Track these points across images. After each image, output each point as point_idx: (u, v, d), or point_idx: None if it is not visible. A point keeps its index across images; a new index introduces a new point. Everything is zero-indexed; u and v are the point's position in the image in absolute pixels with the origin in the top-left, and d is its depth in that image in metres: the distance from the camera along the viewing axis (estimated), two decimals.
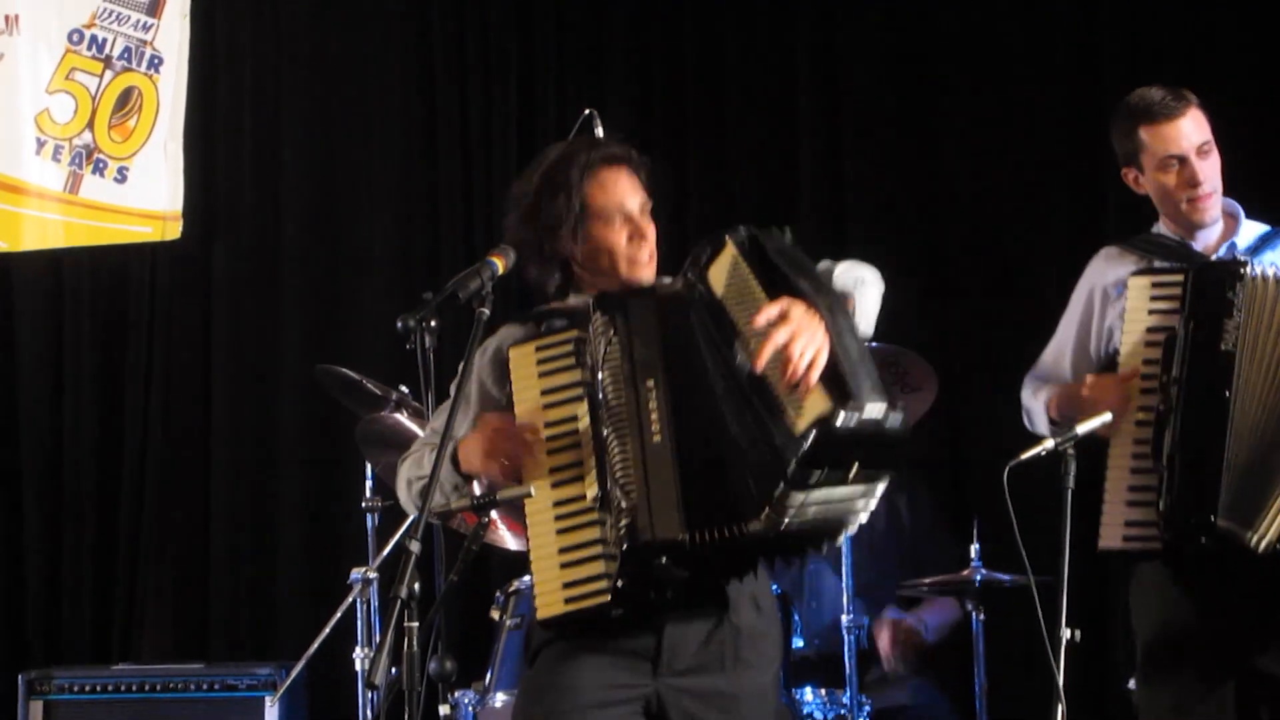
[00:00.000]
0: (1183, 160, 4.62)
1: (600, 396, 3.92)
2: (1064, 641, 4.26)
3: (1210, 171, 4.64)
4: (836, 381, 3.62)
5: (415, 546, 3.74)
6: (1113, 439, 4.53)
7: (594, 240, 4.14)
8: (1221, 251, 4.67)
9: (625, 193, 4.14)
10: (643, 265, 4.16)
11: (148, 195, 7.29)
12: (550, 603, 3.89)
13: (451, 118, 7.38)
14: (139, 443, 7.41)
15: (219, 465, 7.38)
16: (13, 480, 7.48)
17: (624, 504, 3.82)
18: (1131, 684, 5.68)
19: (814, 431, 3.59)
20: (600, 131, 5.21)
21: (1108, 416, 4.41)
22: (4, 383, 7.51)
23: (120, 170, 7.30)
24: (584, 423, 3.93)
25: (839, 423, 3.58)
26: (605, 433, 3.89)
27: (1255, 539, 4.35)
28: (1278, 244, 4.69)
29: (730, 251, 3.92)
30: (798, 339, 3.65)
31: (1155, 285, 4.56)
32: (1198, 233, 4.69)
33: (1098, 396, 4.53)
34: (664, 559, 3.81)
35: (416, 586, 3.76)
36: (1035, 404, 4.82)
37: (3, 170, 7.31)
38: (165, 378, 7.43)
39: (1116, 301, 4.67)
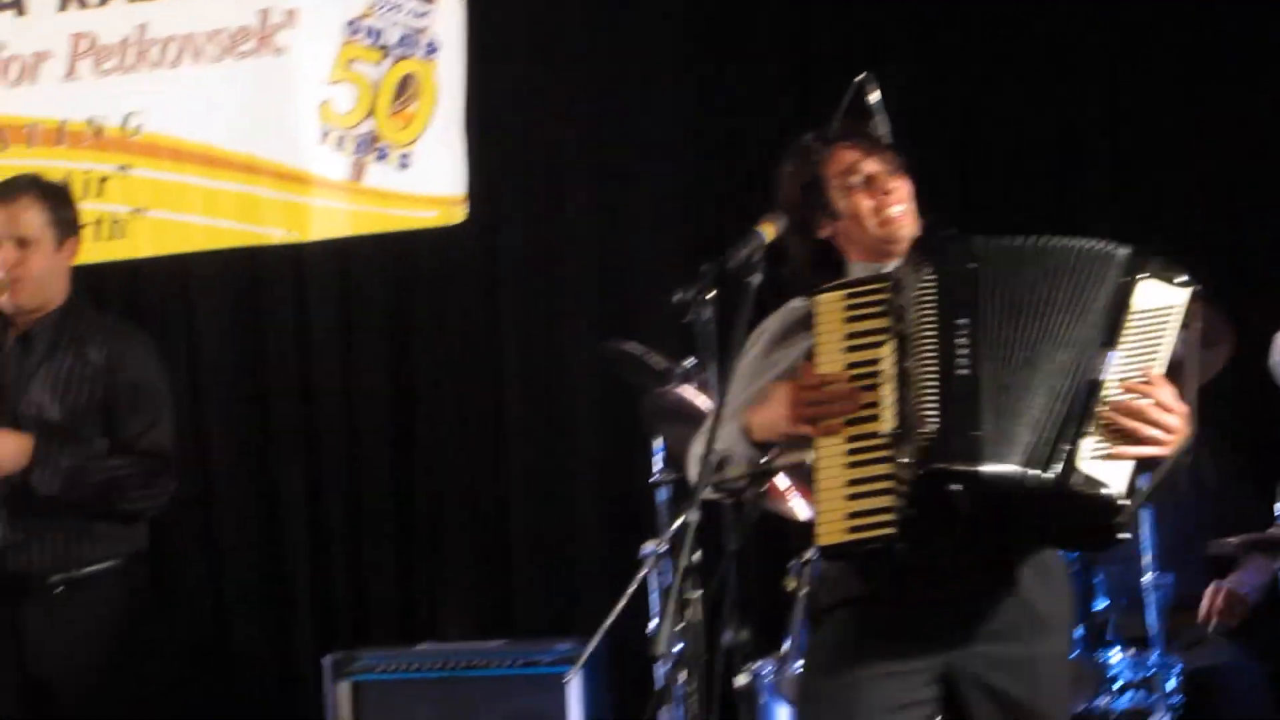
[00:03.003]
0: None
1: (908, 334, 3.84)
2: None
3: None
4: (1136, 477, 3.75)
5: (694, 516, 3.74)
6: None
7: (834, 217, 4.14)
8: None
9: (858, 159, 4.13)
10: (896, 223, 4.11)
11: (431, 180, 7.36)
12: (831, 531, 3.80)
13: (729, 89, 7.31)
14: (433, 427, 7.48)
15: (513, 446, 7.42)
16: (313, 469, 7.61)
17: (924, 430, 3.75)
18: None
19: (1092, 483, 3.73)
20: (876, 97, 5.11)
21: None
22: (299, 369, 7.64)
23: (403, 157, 7.38)
24: (888, 362, 3.84)
25: (1103, 497, 3.74)
26: (908, 365, 3.81)
27: None
28: None
29: (1182, 300, 3.87)
30: (1165, 419, 3.78)
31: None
32: None
33: None
34: (960, 486, 3.74)
35: (697, 556, 3.75)
36: None
37: (288, 162, 7.45)
38: (455, 362, 7.50)
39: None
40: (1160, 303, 3.85)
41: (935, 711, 4.01)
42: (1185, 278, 3.88)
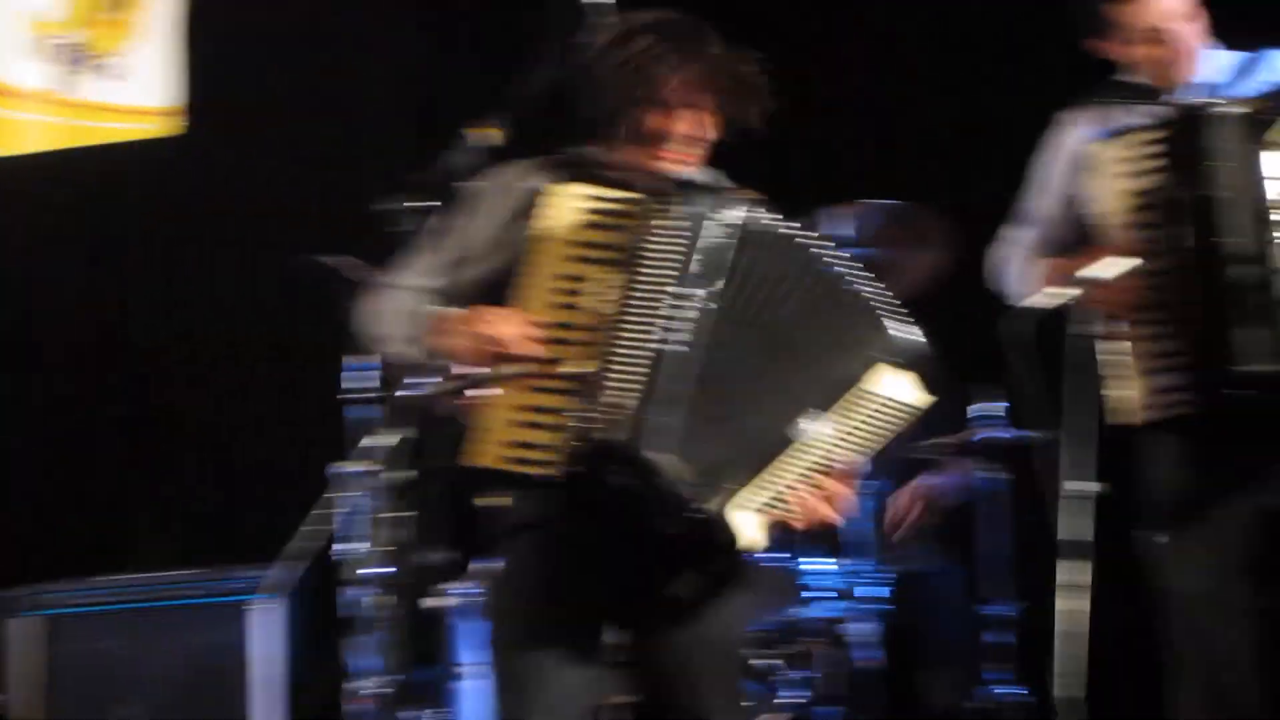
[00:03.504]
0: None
1: (639, 274, 3.58)
2: (1085, 497, 4.05)
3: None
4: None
5: (398, 435, 3.56)
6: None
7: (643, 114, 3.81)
8: (1195, 92, 4.43)
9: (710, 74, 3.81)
10: (692, 155, 3.85)
11: (146, 92, 7.08)
12: (485, 451, 3.55)
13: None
14: (127, 347, 7.30)
15: (205, 367, 7.29)
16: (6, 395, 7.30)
17: (616, 398, 3.52)
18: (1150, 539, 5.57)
19: (724, 537, 3.58)
20: None
21: (1136, 260, 4.19)
22: None
23: (118, 66, 7.07)
24: (610, 294, 3.58)
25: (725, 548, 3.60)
26: (627, 315, 3.56)
27: None
28: (1254, 71, 4.46)
29: (922, 404, 3.80)
30: (827, 516, 3.69)
31: (1131, 145, 4.32)
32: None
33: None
34: (626, 478, 3.54)
35: (397, 475, 3.59)
36: (1011, 267, 4.64)
37: None
38: (159, 276, 7.27)
39: (1087, 168, 4.43)
40: (896, 396, 3.72)
41: (615, 629, 3.88)
42: (927, 382, 3.76)
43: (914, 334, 3.75)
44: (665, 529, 3.61)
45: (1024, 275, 4.58)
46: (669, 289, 3.54)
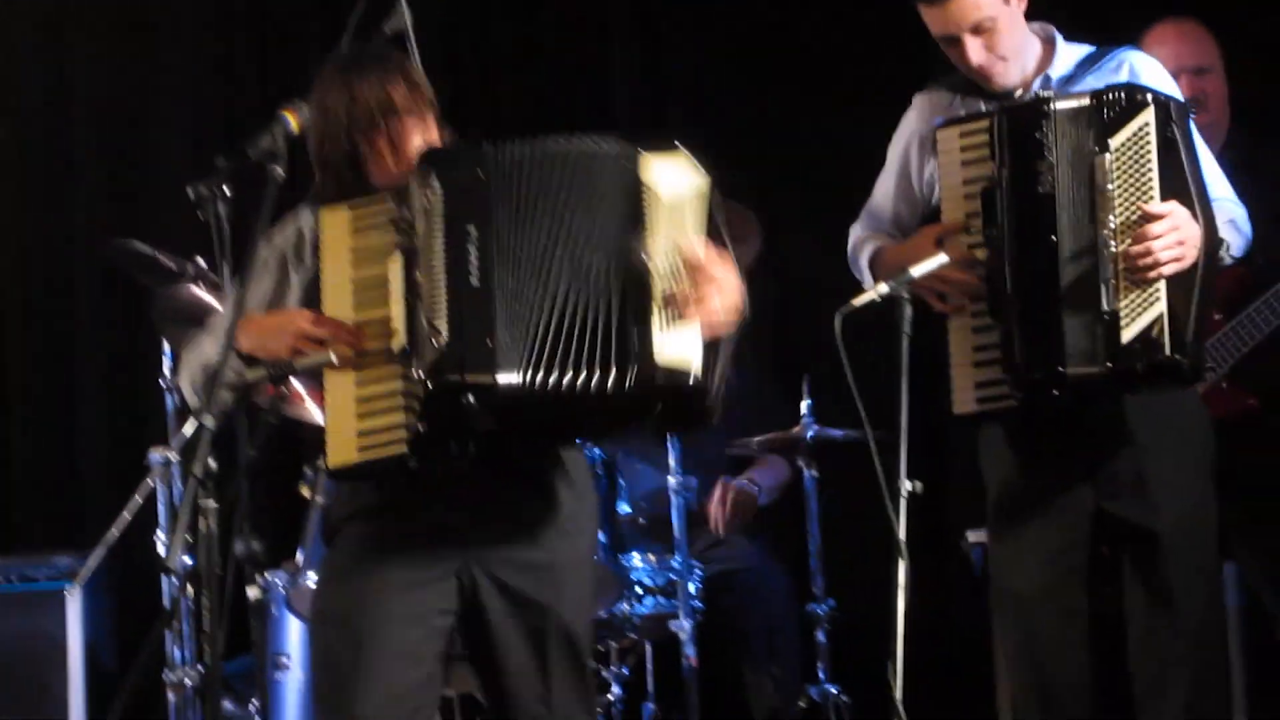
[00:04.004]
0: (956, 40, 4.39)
1: (416, 246, 3.69)
2: (904, 495, 4.07)
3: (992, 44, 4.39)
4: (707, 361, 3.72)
5: (209, 421, 3.52)
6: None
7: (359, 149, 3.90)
8: (1036, 85, 4.42)
9: (394, 89, 3.88)
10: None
11: None
12: (341, 450, 3.68)
13: None
14: None
15: (12, 346, 7.05)
16: None
17: (434, 343, 3.61)
18: (971, 536, 5.62)
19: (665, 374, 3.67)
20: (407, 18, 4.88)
21: (943, 257, 4.20)
22: None
23: None
24: (397, 279, 3.70)
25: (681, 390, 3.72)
26: (418, 278, 3.67)
27: (1102, 367, 4.16)
28: (1103, 64, 4.46)
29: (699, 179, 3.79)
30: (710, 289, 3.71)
31: (964, 134, 4.32)
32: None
33: (922, 248, 4.32)
34: (470, 398, 3.61)
35: (212, 463, 3.54)
36: (862, 259, 4.62)
37: None
38: None
39: (930, 152, 4.46)
40: (676, 181, 3.76)
41: (452, 619, 3.91)
42: (691, 161, 3.80)
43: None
44: (611, 424, 3.93)
45: (870, 262, 4.59)
46: (441, 245, 3.66)
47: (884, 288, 4.14)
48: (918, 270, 4.16)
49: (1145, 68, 4.43)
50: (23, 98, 7.09)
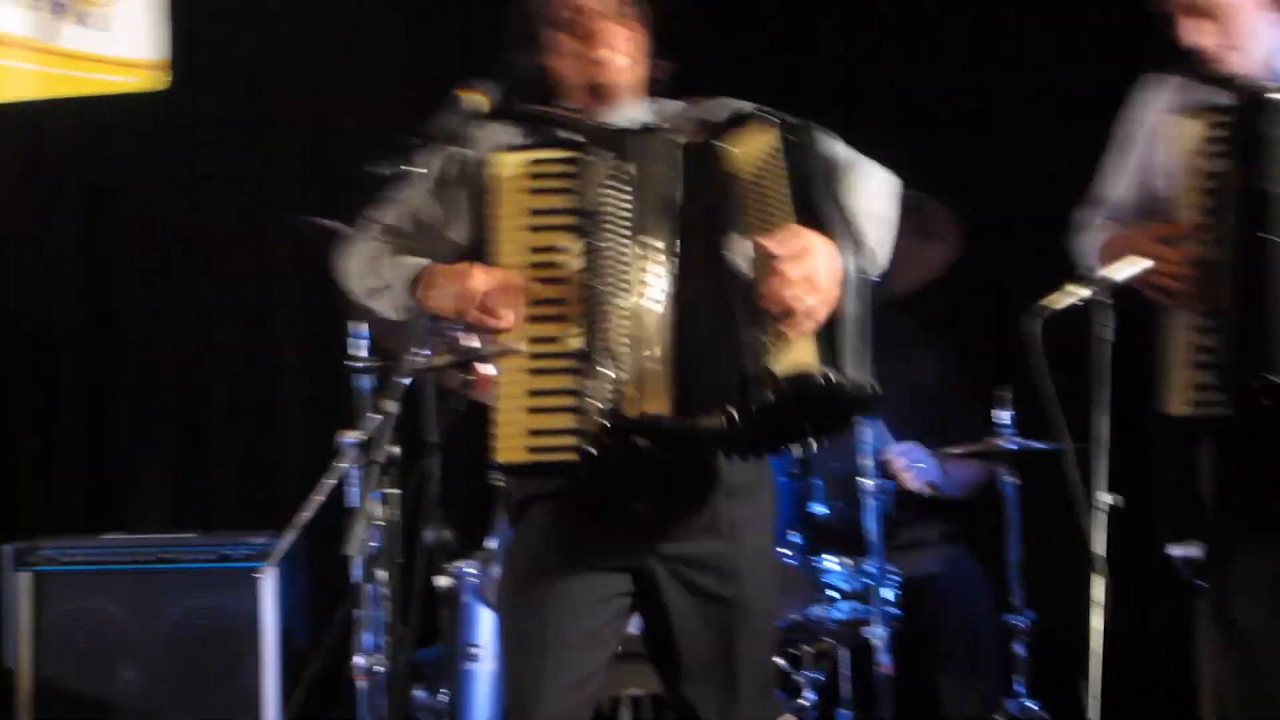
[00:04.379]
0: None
1: (596, 240, 3.60)
2: (1103, 508, 3.92)
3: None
4: (829, 341, 3.48)
5: (392, 407, 3.48)
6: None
7: (548, 50, 3.83)
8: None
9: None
10: (601, 69, 3.81)
11: (130, 43, 6.94)
12: (511, 447, 3.59)
13: None
14: (130, 302, 7.09)
15: (212, 323, 7.09)
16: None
17: (609, 369, 3.54)
18: (1174, 550, 5.44)
19: (789, 381, 3.45)
20: None
21: (1147, 262, 4.04)
22: None
23: (101, 17, 6.94)
24: (575, 261, 3.60)
25: (815, 383, 3.46)
26: (598, 284, 3.58)
27: None
28: None
29: (772, 138, 3.60)
30: (809, 283, 3.46)
31: (1201, 125, 4.12)
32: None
33: (1142, 250, 4.16)
34: (640, 439, 3.56)
35: (395, 450, 3.50)
36: (1083, 245, 4.46)
37: None
38: (152, 233, 7.10)
39: (1161, 140, 4.27)
40: (759, 156, 3.59)
41: (631, 607, 3.86)
42: (766, 117, 3.63)
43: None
44: (771, 439, 3.67)
45: (1090, 251, 4.43)
46: (628, 245, 3.57)
47: (1084, 290, 3.99)
48: (1120, 274, 4.01)
49: None
50: (220, 72, 7.12)
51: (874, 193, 3.79)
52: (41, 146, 7.16)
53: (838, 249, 3.51)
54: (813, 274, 3.47)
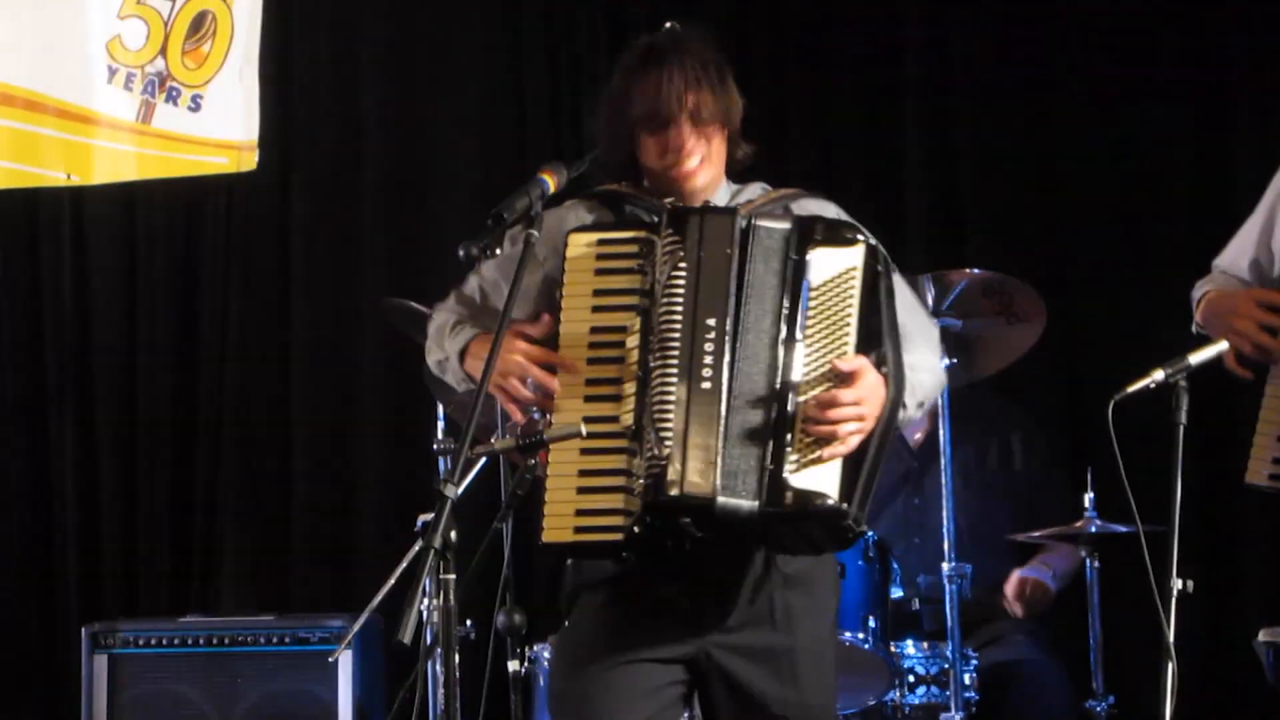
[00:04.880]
0: None
1: (654, 319, 3.61)
2: (1174, 593, 3.84)
3: None
4: (851, 472, 3.56)
5: (451, 492, 3.45)
6: (1274, 367, 4.09)
7: (635, 149, 3.83)
8: None
9: (660, 95, 3.76)
10: (683, 177, 3.81)
11: (223, 125, 6.98)
12: (559, 526, 3.60)
13: (537, 42, 7.02)
14: (215, 385, 7.11)
15: (297, 407, 7.08)
16: (88, 426, 7.17)
17: (657, 447, 3.53)
18: (1262, 636, 5.33)
19: (805, 499, 3.54)
20: None
21: (1224, 345, 3.96)
22: (78, 323, 7.20)
23: (194, 99, 6.99)
24: (632, 339, 3.63)
25: (822, 508, 3.55)
26: (652, 361, 3.58)
27: None
28: None
29: (854, 260, 3.62)
30: (858, 413, 3.55)
31: None
32: None
33: (1242, 313, 4.09)
34: (688, 519, 3.55)
35: (453, 535, 3.46)
36: (1195, 295, 4.38)
37: (73, 100, 7.02)
38: (241, 316, 7.12)
39: None
40: (836, 269, 3.61)
41: (685, 696, 3.82)
42: (855, 234, 3.65)
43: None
44: (779, 541, 3.66)
45: (1196, 304, 4.38)
46: (679, 330, 3.59)
47: (1159, 374, 3.91)
48: (1196, 358, 3.94)
49: None
50: (318, 150, 7.15)
51: (926, 347, 3.85)
52: (138, 226, 7.20)
53: (887, 380, 3.58)
54: (863, 405, 3.54)
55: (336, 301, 7.08)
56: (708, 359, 3.56)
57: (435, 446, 5.81)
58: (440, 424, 5.86)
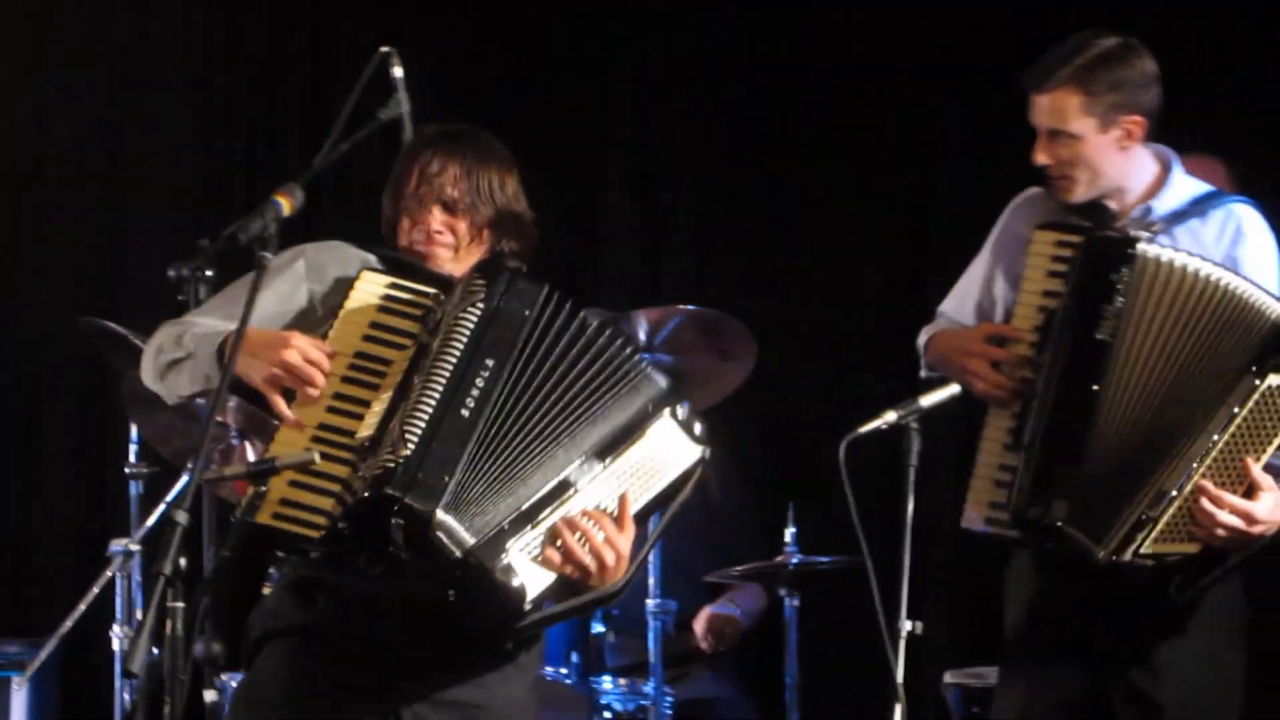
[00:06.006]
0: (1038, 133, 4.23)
1: (432, 348, 3.56)
2: (903, 634, 3.91)
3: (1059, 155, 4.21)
4: (562, 589, 3.56)
5: (182, 518, 3.32)
6: (990, 411, 4.14)
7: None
8: (1136, 213, 4.20)
9: (422, 177, 3.79)
10: (434, 256, 3.79)
11: None
12: (259, 508, 3.48)
13: (237, 56, 6.94)
14: None
15: None
16: None
17: (396, 448, 3.45)
18: (948, 677, 5.46)
19: (505, 576, 3.48)
20: (399, 72, 4.77)
21: (955, 389, 4.05)
22: None
23: None
24: (399, 365, 3.58)
25: (510, 598, 3.50)
26: (416, 380, 3.53)
27: (1102, 553, 3.96)
28: (1211, 212, 4.21)
29: (693, 459, 3.66)
30: (605, 556, 3.54)
31: (1058, 244, 4.11)
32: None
33: (970, 352, 4.14)
34: (401, 523, 3.44)
35: (183, 562, 3.35)
36: (922, 339, 4.42)
37: None
38: None
39: (1025, 253, 4.22)
40: (668, 448, 3.64)
41: None
42: (701, 434, 3.67)
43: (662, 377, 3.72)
44: (446, 590, 3.54)
45: (925, 345, 4.41)
46: (456, 358, 3.54)
47: (891, 415, 3.98)
48: (927, 400, 4.02)
49: (1251, 227, 4.21)
50: (6, 169, 6.94)
51: None
52: None
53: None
54: (607, 561, 3.54)
55: (24, 320, 6.89)
56: (474, 391, 3.52)
57: (127, 470, 5.66)
58: (134, 447, 5.70)
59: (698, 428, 3.67)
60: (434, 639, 3.64)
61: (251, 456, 5.22)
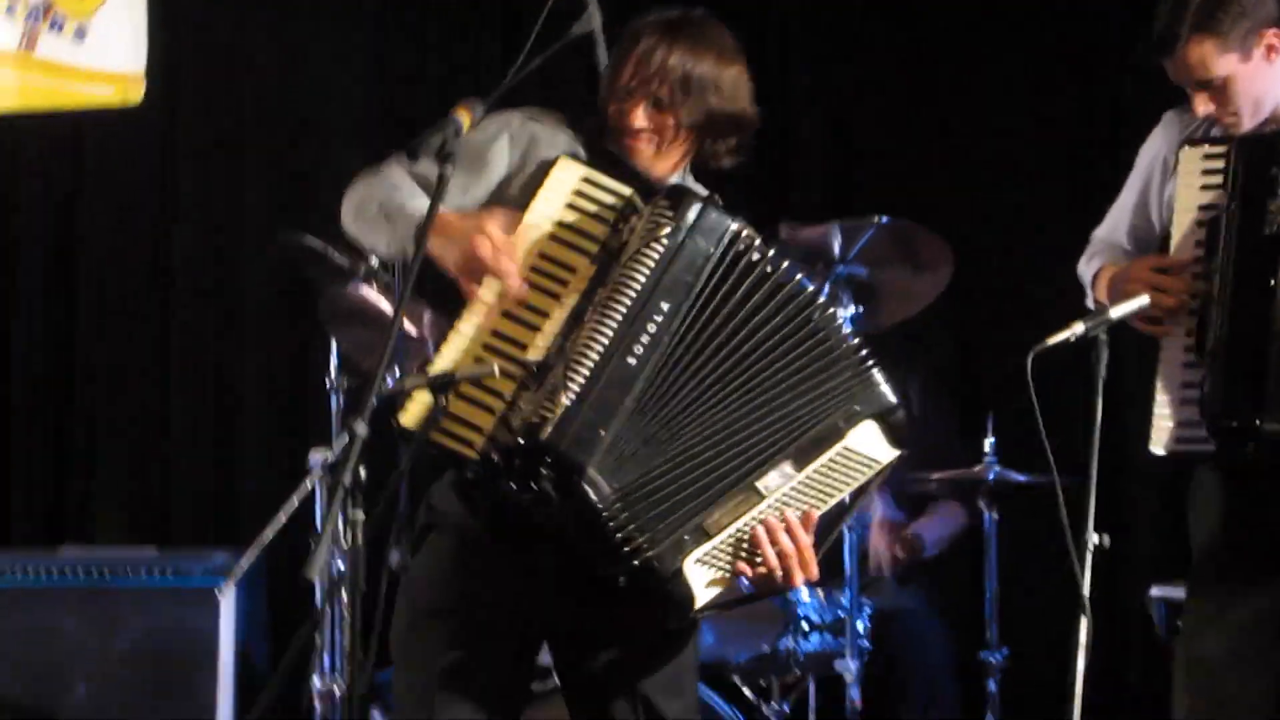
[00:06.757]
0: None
1: (612, 275, 3.47)
2: (1090, 547, 3.82)
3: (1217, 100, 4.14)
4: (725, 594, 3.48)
5: (362, 429, 3.33)
6: (1161, 342, 4.11)
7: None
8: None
9: (635, 69, 3.71)
10: (635, 151, 3.73)
11: (108, 55, 6.79)
12: (415, 415, 3.45)
13: None
14: (95, 316, 6.97)
15: (179, 339, 6.95)
16: None
17: (554, 397, 3.39)
18: (1154, 592, 5.36)
19: (672, 588, 3.43)
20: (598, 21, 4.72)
21: (1144, 299, 3.95)
22: None
23: (79, 28, 6.80)
24: (578, 282, 3.50)
25: (664, 580, 3.42)
26: (588, 313, 3.46)
27: None
28: None
29: (889, 460, 3.57)
30: (791, 570, 3.49)
31: (1205, 158, 4.09)
32: None
33: (1140, 280, 4.10)
34: (551, 476, 3.39)
35: (363, 473, 3.37)
36: (1086, 273, 4.42)
37: None
38: (123, 249, 6.98)
39: (1173, 174, 4.21)
40: (869, 453, 3.53)
41: (531, 655, 3.76)
42: (903, 435, 3.57)
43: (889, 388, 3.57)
44: (608, 572, 3.47)
45: (1092, 281, 4.41)
46: (633, 296, 3.43)
47: (1079, 327, 3.87)
48: (1116, 312, 3.91)
49: None
50: (196, 77, 7.03)
51: None
52: (19, 157, 7.03)
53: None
54: (793, 578, 3.53)
55: (222, 235, 6.96)
56: (645, 338, 3.43)
57: (327, 382, 5.72)
58: (334, 361, 5.75)
59: (902, 428, 3.56)
60: (590, 580, 3.57)
61: None
